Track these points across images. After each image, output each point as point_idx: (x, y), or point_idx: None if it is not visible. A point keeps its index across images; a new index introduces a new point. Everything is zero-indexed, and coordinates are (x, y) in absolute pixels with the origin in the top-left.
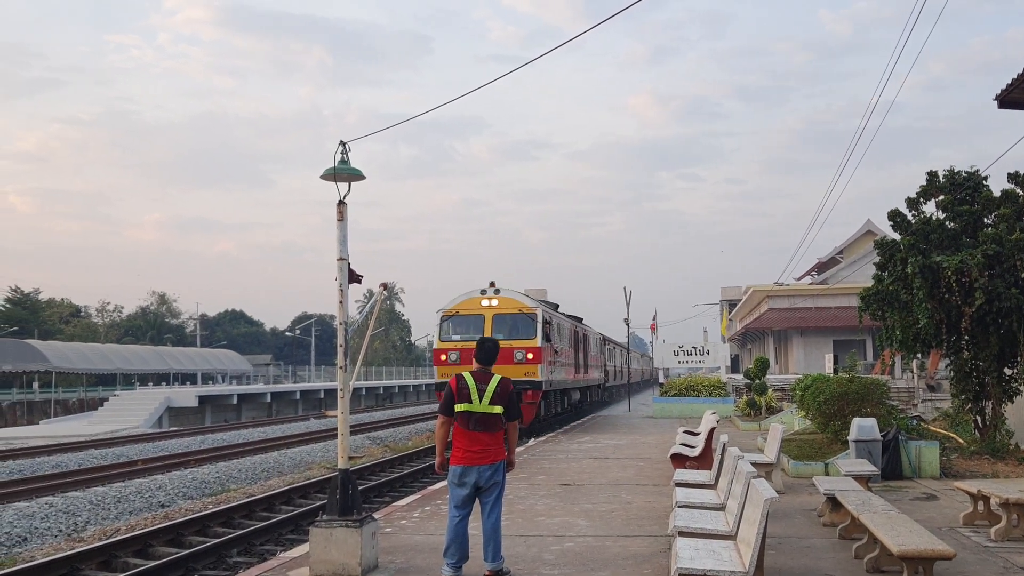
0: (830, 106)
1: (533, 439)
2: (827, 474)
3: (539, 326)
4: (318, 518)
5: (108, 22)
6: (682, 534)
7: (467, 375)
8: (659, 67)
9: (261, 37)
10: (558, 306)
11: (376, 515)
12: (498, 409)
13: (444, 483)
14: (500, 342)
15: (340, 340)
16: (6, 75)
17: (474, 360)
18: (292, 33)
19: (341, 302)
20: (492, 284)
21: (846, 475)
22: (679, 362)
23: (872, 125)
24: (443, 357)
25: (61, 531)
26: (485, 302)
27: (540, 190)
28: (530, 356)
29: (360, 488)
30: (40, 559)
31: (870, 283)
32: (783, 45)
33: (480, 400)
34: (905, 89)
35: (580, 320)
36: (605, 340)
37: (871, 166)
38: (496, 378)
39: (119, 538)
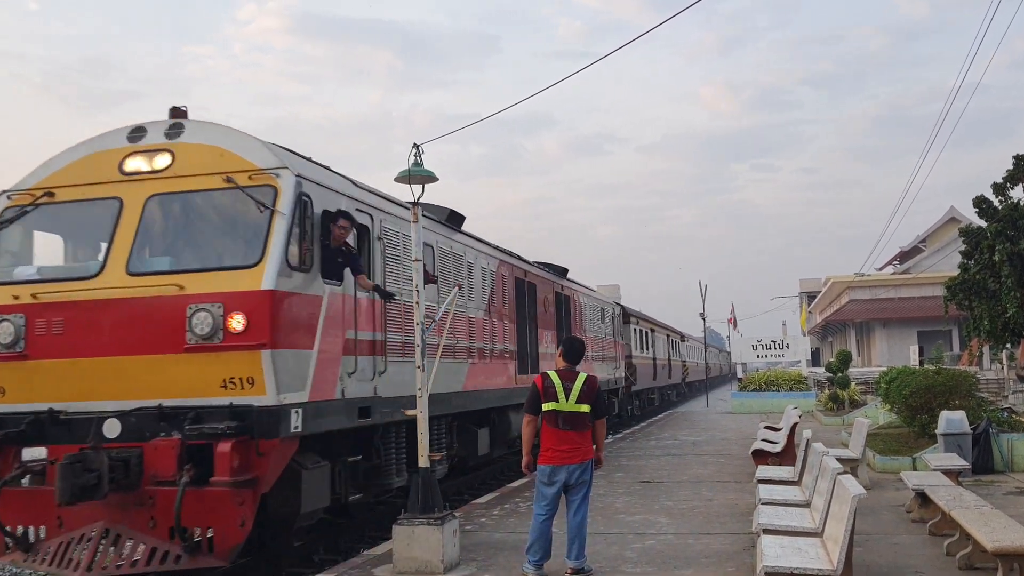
0: (908, 91)
1: (610, 436)
2: (915, 469)
3: (283, 221)
4: (400, 516)
5: (185, 34)
6: (766, 531)
7: (552, 373)
8: (729, 57)
9: (331, 43)
10: (462, 219)
11: (456, 513)
12: (585, 408)
13: (522, 480)
14: (156, 279)
15: (417, 340)
16: (89, 89)
17: (561, 359)
18: (361, 38)
19: (417, 303)
20: (177, 111)
21: (935, 470)
22: (757, 356)
23: (955, 108)
24: None
25: None
26: (137, 163)
27: (610, 185)
28: (236, 324)
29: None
30: None
31: (955, 272)
32: (857, 30)
33: (567, 399)
34: (989, 69)
35: (562, 273)
36: (628, 316)
37: (954, 150)
38: (582, 376)
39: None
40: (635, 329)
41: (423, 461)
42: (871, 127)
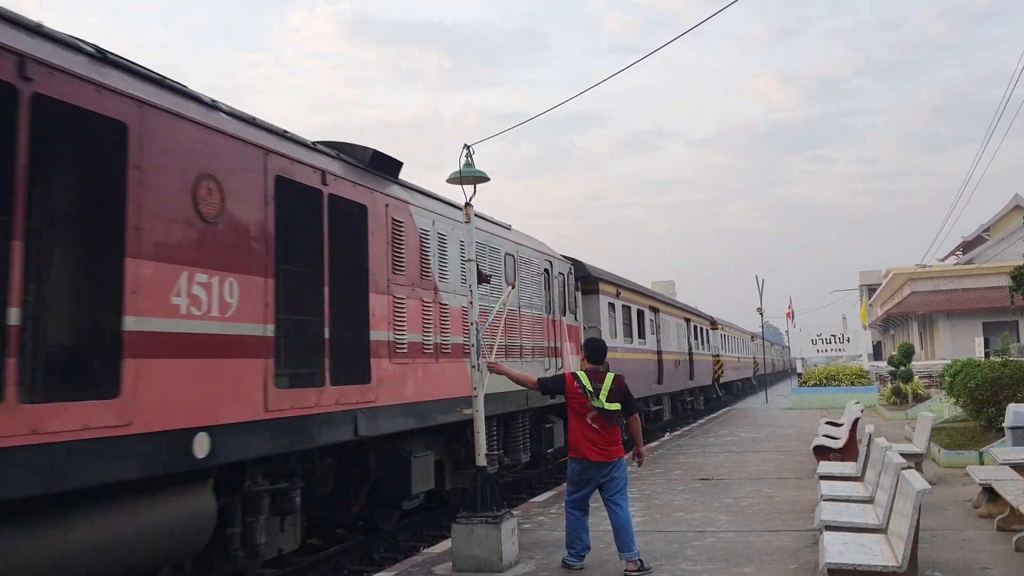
0: (968, 77)
1: (668, 433)
2: (981, 463)
3: None
4: (459, 515)
5: (239, 42)
6: (829, 528)
7: (581, 373)
8: (782, 47)
9: (382, 46)
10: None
11: (514, 511)
12: (616, 406)
13: None
14: None
15: (471, 339)
16: None
17: (585, 360)
18: (411, 40)
19: (471, 302)
20: None
21: (1003, 464)
22: (817, 351)
23: (1018, 94)
24: None
25: None
26: None
27: (663, 180)
28: None
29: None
30: None
31: (1021, 261)
32: (915, 16)
33: (598, 398)
34: None
35: (385, 168)
36: (595, 283)
37: (1018, 136)
38: (611, 375)
39: None
40: (611, 304)
41: (480, 460)
42: (931, 115)
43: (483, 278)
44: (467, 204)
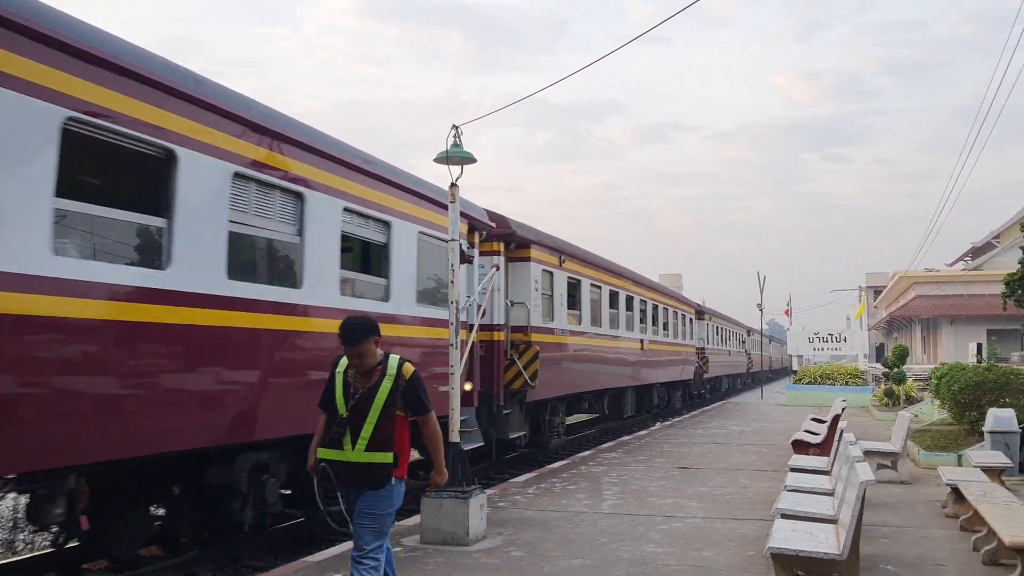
0: (997, 80)
1: (659, 423)
2: (960, 465)
3: None
4: (428, 489)
5: (260, 16)
6: (784, 516)
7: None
8: (808, 43)
9: (403, 25)
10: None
11: (492, 490)
12: None
13: (562, 462)
14: None
15: (451, 319)
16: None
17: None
18: (434, 21)
19: (452, 282)
20: None
21: (976, 466)
22: (814, 349)
23: (1013, 103)
24: None
25: None
26: None
27: (680, 173)
28: None
29: (480, 465)
30: None
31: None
32: (944, 16)
33: None
34: None
35: None
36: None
37: None
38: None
39: None
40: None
41: (453, 436)
42: (955, 117)
43: (465, 258)
44: (452, 184)
